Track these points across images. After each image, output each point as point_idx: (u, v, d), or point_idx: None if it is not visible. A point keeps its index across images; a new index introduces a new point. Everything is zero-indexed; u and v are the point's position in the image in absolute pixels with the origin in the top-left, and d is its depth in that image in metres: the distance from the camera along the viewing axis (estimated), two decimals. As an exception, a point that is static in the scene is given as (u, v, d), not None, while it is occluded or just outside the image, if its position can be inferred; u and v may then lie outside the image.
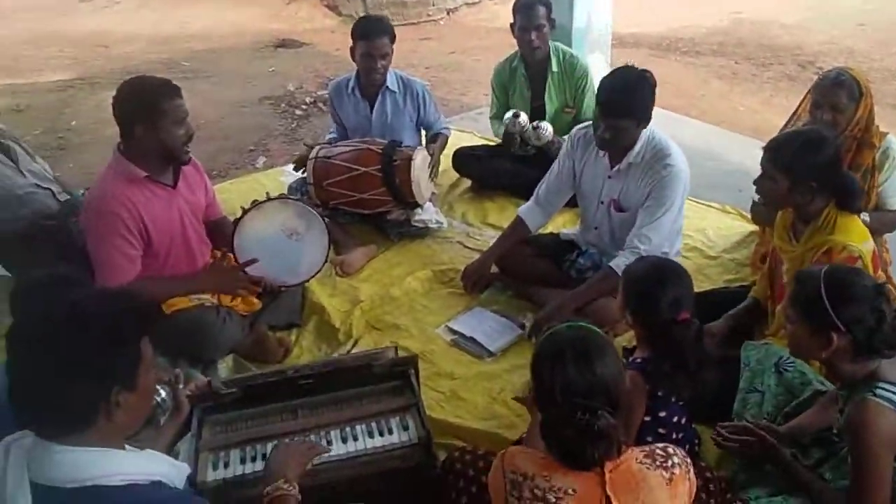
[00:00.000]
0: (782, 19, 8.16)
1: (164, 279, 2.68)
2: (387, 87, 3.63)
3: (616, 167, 2.84)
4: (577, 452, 1.48)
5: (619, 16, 8.20)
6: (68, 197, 3.11)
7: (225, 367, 2.74)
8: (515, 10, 3.73)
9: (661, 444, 1.61)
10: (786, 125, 3.53)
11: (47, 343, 1.25)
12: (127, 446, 1.43)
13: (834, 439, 2.04)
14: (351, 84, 3.69)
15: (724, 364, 2.41)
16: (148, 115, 2.44)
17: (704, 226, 3.64)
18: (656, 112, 2.77)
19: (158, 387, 2.14)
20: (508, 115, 3.71)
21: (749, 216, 3.40)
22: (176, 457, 2.11)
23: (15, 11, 9.61)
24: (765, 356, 2.30)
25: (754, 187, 2.48)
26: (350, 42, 3.57)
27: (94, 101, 6.06)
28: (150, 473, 1.36)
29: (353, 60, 3.58)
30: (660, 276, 2.04)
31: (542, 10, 3.65)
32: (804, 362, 2.24)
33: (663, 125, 4.64)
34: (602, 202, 2.94)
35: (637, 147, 2.77)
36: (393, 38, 3.52)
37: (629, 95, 2.64)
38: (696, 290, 3.00)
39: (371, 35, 3.45)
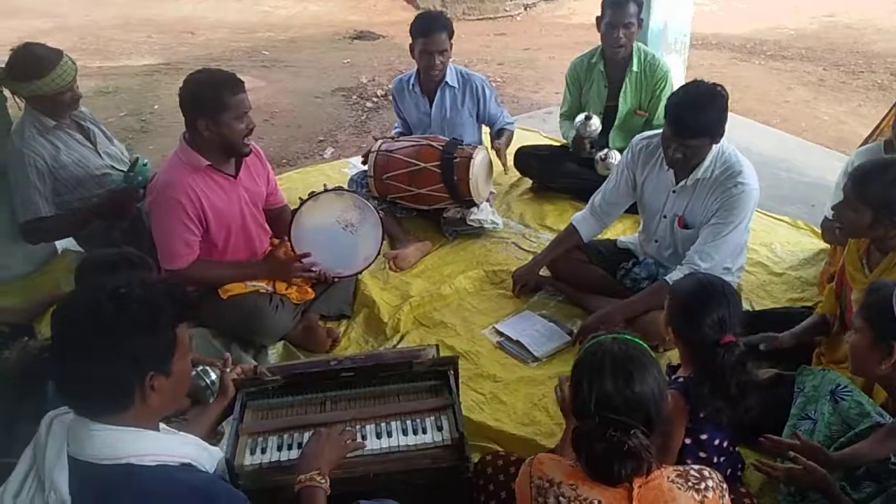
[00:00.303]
0: (878, 23, 7.75)
1: (222, 264, 2.78)
2: (446, 82, 3.63)
3: (682, 182, 2.75)
4: (605, 467, 1.46)
5: (704, 15, 8.03)
6: (133, 172, 3.22)
7: (275, 353, 2.81)
8: (605, 5, 3.62)
9: (696, 466, 1.57)
10: (868, 138, 3.37)
11: (86, 325, 1.30)
12: (163, 427, 1.48)
13: (889, 474, 1.94)
14: (412, 80, 3.71)
15: (777, 387, 2.35)
16: (210, 109, 2.52)
17: (772, 240, 3.50)
18: (732, 118, 2.66)
19: (209, 369, 2.23)
20: (580, 117, 3.65)
21: (820, 233, 3.25)
22: (221, 437, 2.20)
23: (110, -3, 10.07)
24: (821, 383, 2.20)
25: (827, 203, 2.37)
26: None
27: (177, 86, 6.18)
28: (181, 455, 1.40)
29: (413, 57, 3.60)
30: (705, 294, 1.97)
31: (633, 7, 3.55)
32: (861, 392, 2.13)
33: (739, 132, 4.56)
34: (665, 216, 2.87)
35: (706, 162, 2.67)
36: (451, 34, 3.52)
37: (701, 114, 2.53)
38: (757, 307, 2.97)
39: (429, 31, 3.46)
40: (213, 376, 2.24)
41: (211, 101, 2.52)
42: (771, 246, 3.46)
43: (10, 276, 3.31)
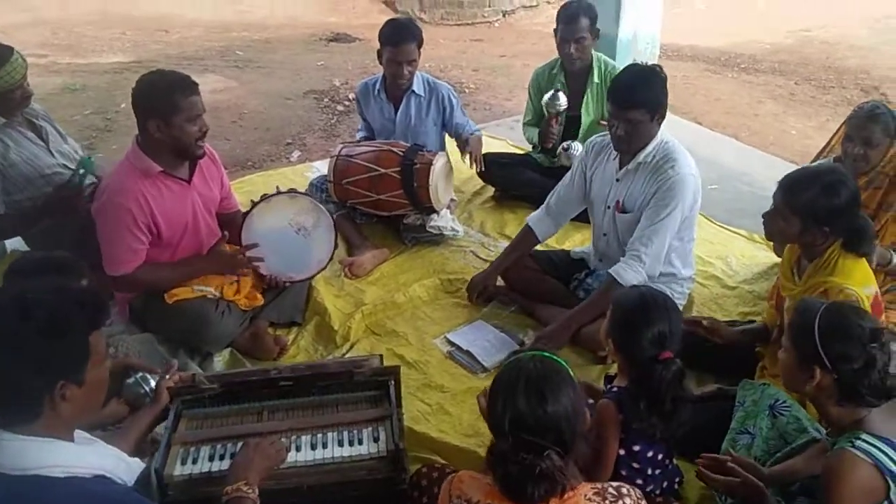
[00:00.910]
0: (853, 40, 7.83)
1: (167, 265, 2.74)
2: (412, 90, 3.62)
3: (624, 168, 2.79)
4: (519, 488, 1.45)
5: (680, 26, 8.07)
6: (83, 170, 3.17)
7: (221, 360, 2.78)
8: (558, 18, 3.67)
9: (615, 483, 1.57)
10: (818, 155, 3.40)
11: None
12: (81, 435, 1.45)
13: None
14: (378, 85, 3.70)
15: (717, 401, 2.36)
16: (161, 110, 2.49)
17: (727, 253, 3.52)
18: (698, 130, 2.73)
19: (149, 376, 2.20)
20: (549, 94, 3.65)
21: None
22: (155, 443, 2.16)
23: (87, -9, 9.96)
24: (761, 397, 2.21)
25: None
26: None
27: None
28: (94, 467, 1.37)
29: (380, 63, 3.58)
30: (646, 309, 1.97)
31: (584, 21, 3.58)
32: (800, 408, 2.15)
33: (704, 144, 4.59)
34: (609, 207, 2.89)
35: (649, 147, 2.72)
36: (420, 44, 3.51)
37: (638, 86, 2.62)
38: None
39: (398, 42, 3.44)
40: (153, 383, 2.21)
41: (163, 103, 2.49)
42: (726, 259, 3.47)
43: (-43, 276, 3.24)
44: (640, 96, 2.61)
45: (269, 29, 8.48)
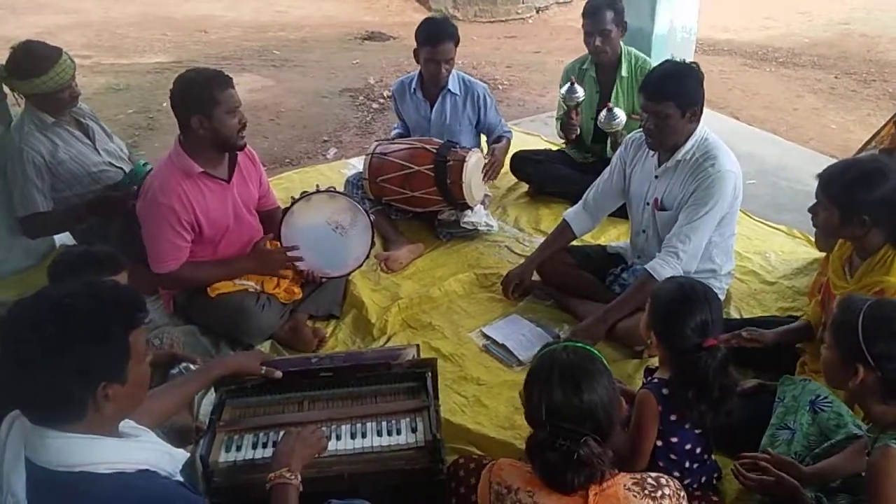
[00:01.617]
0: (894, 32, 7.66)
1: (209, 263, 2.81)
2: (448, 89, 3.65)
3: (663, 165, 2.78)
4: (559, 476, 1.47)
5: (717, 20, 7.97)
6: (132, 170, 3.27)
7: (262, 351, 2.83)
8: (583, 13, 3.67)
9: (654, 474, 1.58)
10: (865, 145, 3.34)
11: (29, 339, 1.26)
12: (128, 424, 1.48)
13: (863, 486, 1.93)
14: (413, 83, 3.73)
15: (757, 396, 2.34)
16: (201, 106, 2.55)
17: (766, 249, 3.48)
18: (735, 125, 2.69)
19: (192, 366, 2.26)
20: (565, 87, 3.63)
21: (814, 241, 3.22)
22: (199, 431, 2.22)
23: (128, -6, 10.19)
24: (801, 393, 2.19)
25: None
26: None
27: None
28: (138, 461, 1.38)
29: (417, 62, 3.61)
30: (686, 298, 1.98)
31: (608, 14, 3.57)
32: (842, 404, 2.12)
33: (741, 139, 4.54)
34: (647, 203, 2.88)
35: (688, 145, 2.70)
36: (457, 42, 3.53)
37: (670, 80, 2.61)
38: (746, 315, 2.96)
39: (435, 41, 3.48)
40: None
41: (202, 98, 2.55)
42: (765, 255, 3.43)
43: (9, 271, 3.37)
44: (669, 90, 2.59)
45: (305, 28, 8.58)
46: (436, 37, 3.49)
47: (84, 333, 1.28)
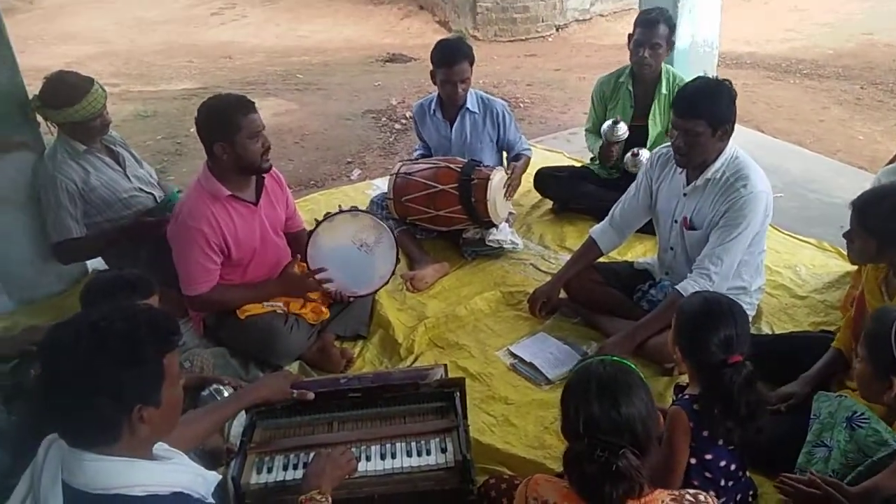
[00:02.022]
0: (920, 41, 7.57)
1: (239, 286, 2.85)
2: (467, 108, 3.68)
3: (692, 183, 2.75)
4: (597, 489, 1.46)
5: (739, 34, 7.94)
6: (164, 196, 3.34)
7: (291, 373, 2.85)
8: (637, 22, 3.66)
9: (692, 490, 1.56)
10: (893, 159, 3.29)
11: (65, 364, 1.29)
12: (161, 448, 1.50)
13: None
14: (433, 105, 3.77)
15: (793, 413, 2.30)
16: (223, 132, 2.60)
17: (796, 263, 3.43)
18: (762, 138, 2.67)
19: (223, 388, 2.28)
20: (608, 123, 3.63)
21: (846, 254, 3.17)
22: (230, 452, 2.23)
23: (154, 23, 10.42)
24: (837, 409, 2.14)
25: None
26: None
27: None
28: (171, 484, 1.40)
29: (434, 83, 3.65)
30: (711, 314, 1.97)
31: (663, 28, 3.56)
32: (879, 420, 2.07)
33: (767, 151, 4.50)
34: (676, 221, 2.85)
35: (717, 163, 2.67)
36: (472, 61, 3.56)
37: (702, 98, 2.58)
38: (778, 331, 2.91)
39: (451, 62, 3.51)
40: (227, 395, 2.29)
41: (224, 124, 2.60)
42: (795, 268, 3.39)
43: (43, 295, 3.43)
44: (701, 108, 2.57)
45: (327, 52, 8.71)
46: (450, 58, 3.52)
47: (119, 356, 1.30)
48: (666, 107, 3.71)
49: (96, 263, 3.53)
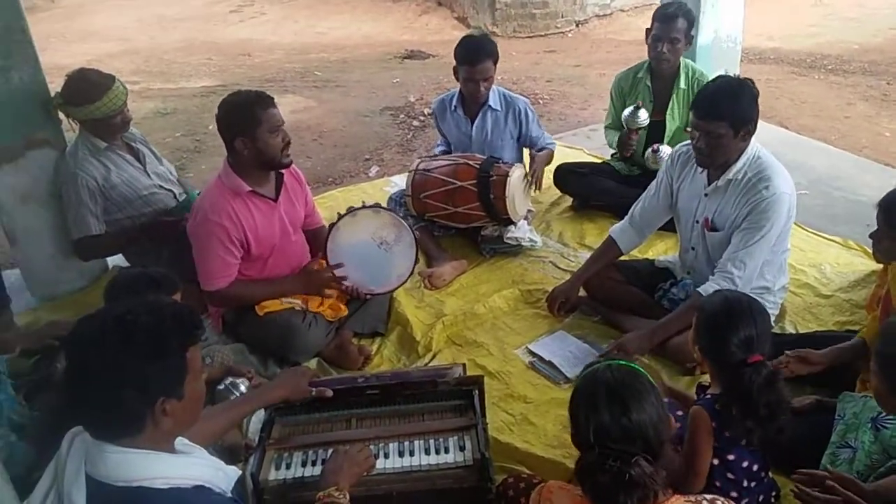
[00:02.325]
0: (948, 35, 7.43)
1: (257, 282, 2.85)
2: (489, 105, 3.65)
3: (714, 184, 2.71)
4: (611, 499, 1.44)
5: (763, 29, 7.83)
6: (185, 196, 3.36)
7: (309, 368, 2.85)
8: (654, 17, 3.61)
9: (710, 496, 1.54)
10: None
11: (92, 355, 1.32)
12: (181, 442, 1.51)
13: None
14: (454, 101, 3.74)
15: (816, 413, 2.26)
16: (244, 127, 2.60)
17: (821, 261, 3.38)
18: (786, 135, 2.62)
19: (239, 381, 2.29)
20: (629, 109, 3.59)
21: (872, 252, 3.11)
22: (248, 448, 2.24)
23: (175, 21, 10.48)
24: (862, 410, 2.11)
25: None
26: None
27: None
28: (193, 478, 1.41)
29: (457, 80, 3.62)
30: (731, 313, 1.94)
31: (681, 22, 3.52)
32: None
33: (790, 148, 4.44)
34: (697, 221, 2.81)
35: (739, 164, 2.63)
36: (496, 60, 3.54)
37: (724, 98, 2.52)
38: (802, 330, 2.87)
39: (474, 60, 3.48)
40: (243, 388, 2.30)
41: (244, 120, 2.60)
42: (820, 267, 3.33)
43: (64, 291, 3.46)
44: (723, 109, 2.51)
45: (345, 49, 8.71)
46: (475, 56, 3.49)
47: (145, 348, 1.32)
48: (685, 101, 3.67)
49: (117, 260, 3.57)
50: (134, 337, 1.31)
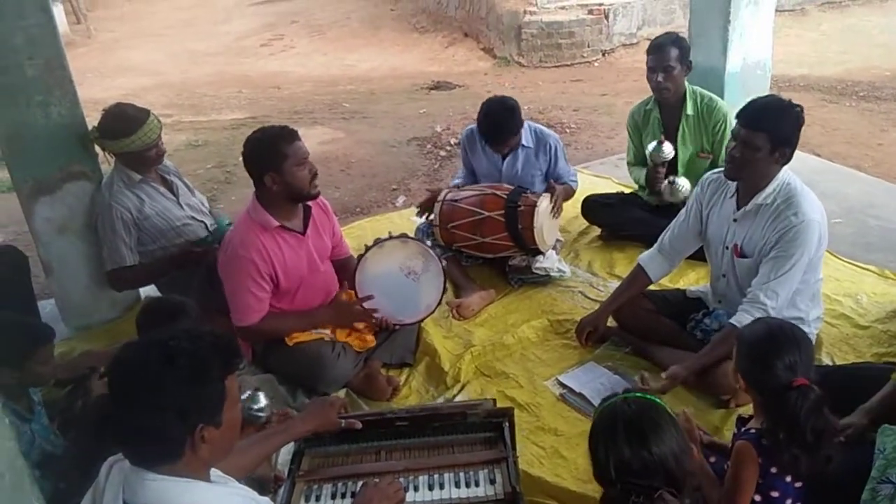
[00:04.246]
0: (981, 61, 7.33)
1: (288, 315, 2.87)
2: (521, 143, 3.66)
3: (742, 209, 2.68)
4: (637, 533, 1.40)
5: (791, 56, 7.79)
6: (215, 227, 3.40)
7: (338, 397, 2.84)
8: (648, 51, 3.67)
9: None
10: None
11: (135, 381, 1.34)
12: (215, 473, 1.52)
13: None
14: (485, 137, 3.75)
15: (857, 448, 2.19)
16: (271, 163, 2.64)
17: (857, 291, 3.31)
18: (818, 163, 2.59)
19: (258, 394, 2.24)
20: (652, 144, 3.61)
21: (910, 282, 3.06)
22: (278, 480, 2.23)
23: (206, 55, 10.76)
24: (904, 445, 2.04)
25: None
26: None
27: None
28: None
29: None
30: (774, 338, 1.91)
31: (673, 51, 3.54)
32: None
33: (823, 176, 4.38)
34: (727, 248, 2.78)
35: (770, 188, 2.60)
36: (520, 126, 3.59)
37: (770, 111, 2.52)
38: (839, 362, 2.80)
39: (497, 142, 3.60)
40: (263, 402, 2.27)
41: (271, 155, 2.64)
42: (856, 297, 3.26)
43: (98, 321, 3.51)
44: (766, 122, 2.51)
45: (373, 81, 8.83)
46: (497, 137, 3.57)
47: (187, 374, 1.34)
48: (694, 127, 3.69)
49: (149, 290, 3.61)
50: (177, 362, 1.34)
